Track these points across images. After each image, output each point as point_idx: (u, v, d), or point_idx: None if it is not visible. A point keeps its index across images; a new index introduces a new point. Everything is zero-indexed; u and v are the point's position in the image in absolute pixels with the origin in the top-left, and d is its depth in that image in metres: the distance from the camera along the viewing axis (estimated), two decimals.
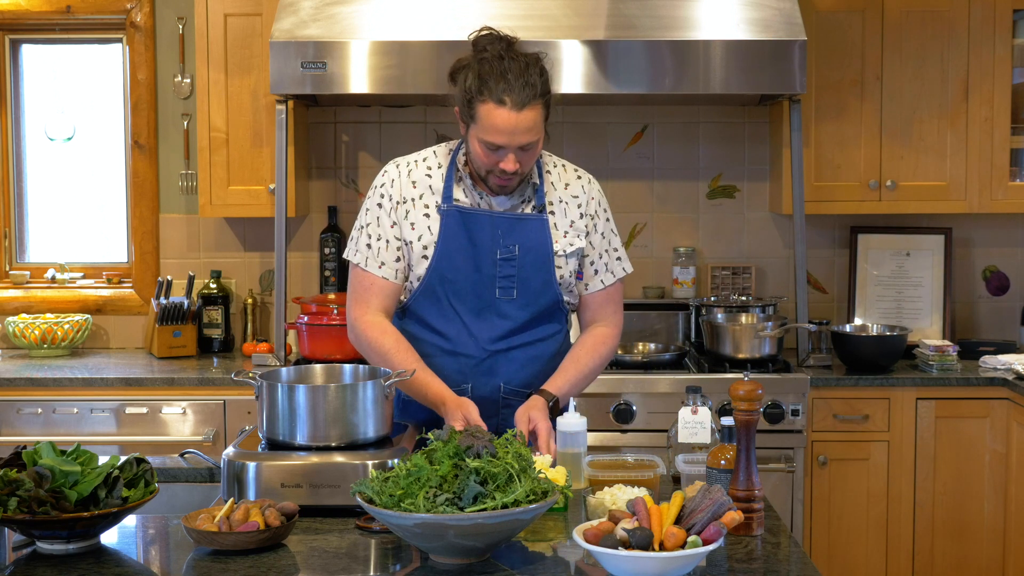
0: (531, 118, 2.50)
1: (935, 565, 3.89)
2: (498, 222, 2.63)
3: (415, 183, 2.67)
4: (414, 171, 2.69)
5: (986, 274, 4.46)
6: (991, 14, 4.05)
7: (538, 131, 2.53)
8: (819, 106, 4.10)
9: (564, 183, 2.71)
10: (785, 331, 3.94)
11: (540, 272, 2.65)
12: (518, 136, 2.50)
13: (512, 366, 2.69)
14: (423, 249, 2.65)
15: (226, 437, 3.84)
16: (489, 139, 2.52)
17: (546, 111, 2.55)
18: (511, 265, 2.64)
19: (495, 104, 2.49)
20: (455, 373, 2.67)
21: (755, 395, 2.16)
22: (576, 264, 2.70)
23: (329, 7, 3.79)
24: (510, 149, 2.52)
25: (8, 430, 3.84)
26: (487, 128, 2.51)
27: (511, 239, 2.63)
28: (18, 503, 1.98)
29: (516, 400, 2.69)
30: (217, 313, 4.34)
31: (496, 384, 2.69)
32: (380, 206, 2.68)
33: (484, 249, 2.63)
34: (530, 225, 2.64)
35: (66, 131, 4.59)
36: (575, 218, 2.69)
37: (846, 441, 3.86)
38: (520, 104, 2.48)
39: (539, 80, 2.52)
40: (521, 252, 2.63)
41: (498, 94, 2.48)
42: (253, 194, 4.11)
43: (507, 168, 2.53)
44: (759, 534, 2.15)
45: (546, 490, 2.01)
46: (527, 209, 2.66)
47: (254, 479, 2.25)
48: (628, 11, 3.78)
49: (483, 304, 2.65)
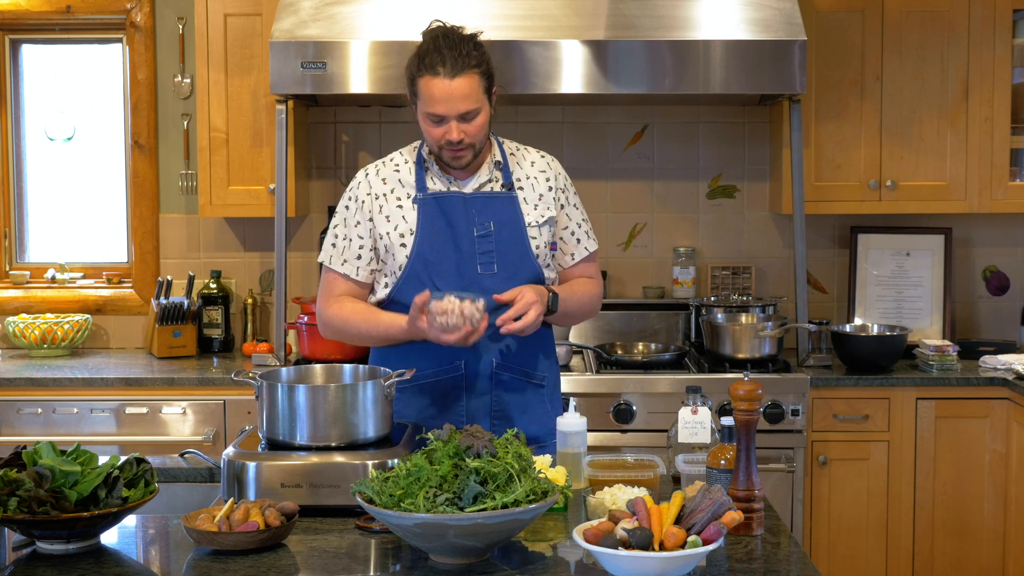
0: (466, 84, 2.63)
1: (935, 565, 3.89)
2: (471, 202, 2.74)
3: (384, 180, 2.80)
4: (382, 170, 2.82)
5: (986, 274, 4.46)
6: (991, 14, 4.05)
7: (476, 100, 2.66)
8: (819, 106, 4.10)
9: (530, 162, 2.85)
10: (785, 331, 3.94)
11: (516, 245, 2.74)
12: (455, 103, 2.64)
13: (502, 342, 2.74)
14: (400, 238, 2.74)
15: (226, 437, 3.84)
16: (430, 110, 2.66)
17: (485, 82, 2.68)
18: (488, 241, 2.73)
19: (431, 76, 2.65)
20: (447, 351, 2.70)
21: (755, 395, 2.16)
22: (549, 235, 2.80)
23: (329, 7, 3.79)
24: (451, 117, 2.65)
25: (8, 430, 3.84)
26: (426, 100, 2.66)
27: (485, 216, 2.74)
28: (18, 503, 1.98)
29: (509, 376, 2.75)
30: (217, 313, 4.34)
31: (488, 360, 2.74)
32: (347, 208, 2.82)
33: (461, 229, 2.72)
34: (501, 201, 2.76)
35: (66, 131, 4.59)
36: (543, 191, 2.81)
37: (846, 441, 3.86)
38: (452, 72, 2.63)
39: (474, 52, 2.67)
40: (496, 227, 2.74)
41: (432, 66, 2.65)
42: (253, 194, 4.12)
43: (451, 138, 2.66)
44: (759, 534, 2.15)
45: (546, 490, 2.02)
46: (496, 187, 2.77)
47: (254, 479, 2.25)
48: (628, 11, 3.78)
49: (466, 282, 2.71)
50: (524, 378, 2.78)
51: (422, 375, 2.73)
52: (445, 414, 2.73)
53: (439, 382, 2.74)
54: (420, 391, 2.74)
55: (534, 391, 2.80)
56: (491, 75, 2.70)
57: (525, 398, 2.78)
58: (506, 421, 2.75)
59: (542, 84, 3.73)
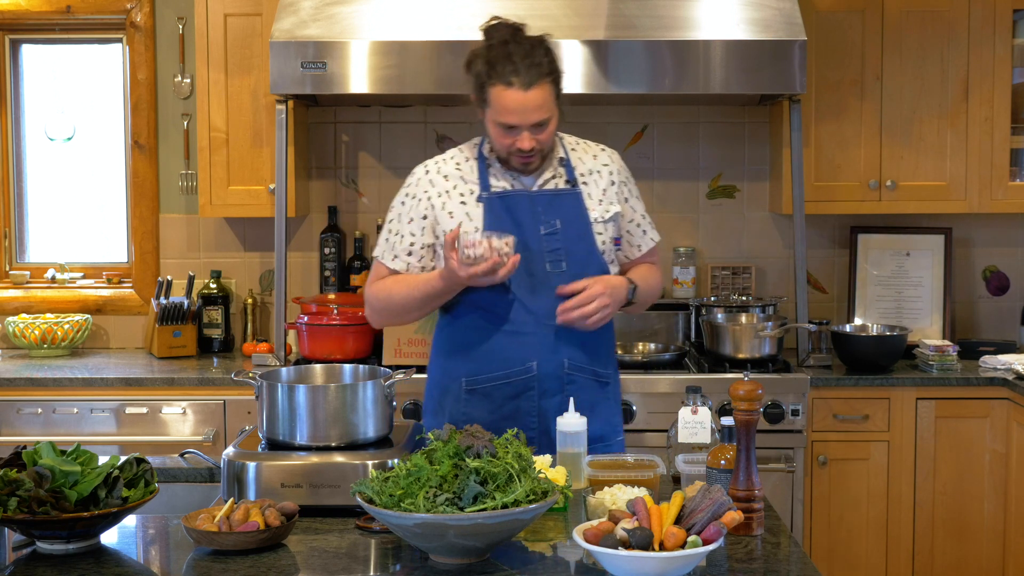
0: (539, 96, 2.63)
1: (935, 565, 3.89)
2: (537, 199, 2.73)
3: (446, 177, 2.78)
4: (443, 167, 2.80)
5: (986, 274, 4.46)
6: (991, 14, 4.05)
7: (548, 109, 2.66)
8: (819, 106, 4.10)
9: (591, 155, 2.84)
10: (785, 331, 3.94)
11: (583, 242, 2.74)
12: (529, 114, 2.63)
13: (572, 341, 2.72)
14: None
15: (226, 437, 3.84)
16: (502, 120, 2.65)
17: (555, 89, 2.68)
18: (556, 239, 2.72)
19: (504, 86, 2.62)
20: (518, 353, 2.71)
21: (755, 395, 2.16)
22: (614, 230, 2.80)
23: (329, 7, 3.79)
24: (523, 128, 2.64)
25: (8, 430, 3.84)
26: (499, 110, 2.64)
27: (551, 214, 2.73)
28: (18, 503, 1.99)
29: (580, 376, 2.74)
30: (217, 313, 4.34)
31: (560, 360, 2.73)
32: (403, 203, 2.81)
33: (528, 227, 2.71)
34: (566, 199, 2.75)
35: (66, 131, 4.59)
36: (606, 186, 2.80)
37: (846, 441, 3.86)
38: (527, 84, 2.61)
39: (545, 60, 2.65)
40: (563, 225, 2.73)
41: (506, 76, 2.62)
42: (253, 194, 4.12)
43: (523, 147, 2.66)
44: (759, 534, 2.15)
45: (546, 490, 2.02)
46: (560, 184, 2.77)
47: (254, 479, 2.25)
48: (628, 11, 3.78)
49: (536, 280, 2.71)
50: (593, 377, 2.78)
51: (494, 376, 2.73)
52: (517, 415, 2.72)
53: (511, 384, 2.73)
54: (492, 392, 2.74)
55: (601, 389, 2.80)
56: (560, 79, 2.69)
57: (594, 397, 2.77)
58: None
59: None
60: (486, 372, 2.75)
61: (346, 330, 3.90)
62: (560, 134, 2.85)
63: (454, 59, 3.70)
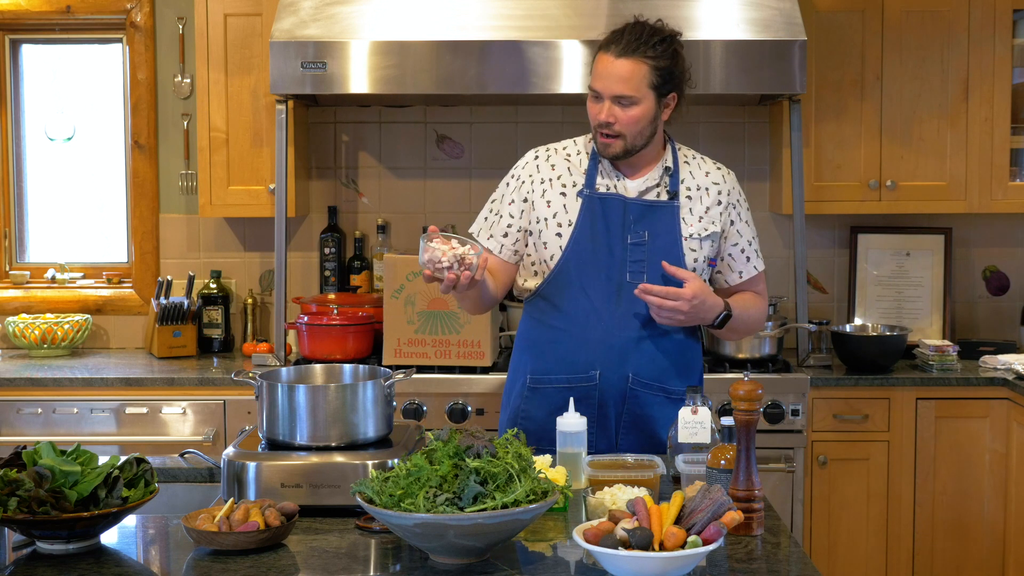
0: (628, 68, 2.60)
1: (935, 565, 3.89)
2: (631, 208, 2.70)
3: (554, 166, 2.76)
4: (553, 156, 2.79)
5: (986, 274, 4.46)
6: (991, 14, 4.05)
7: (635, 87, 2.61)
8: (819, 106, 4.10)
9: (704, 172, 2.79)
10: (785, 331, 3.94)
11: (670, 257, 2.69)
12: (612, 83, 2.60)
13: (642, 357, 2.69)
14: (557, 227, 2.71)
15: (226, 437, 3.84)
16: (591, 83, 2.65)
17: (655, 78, 2.62)
18: (641, 250, 2.68)
19: (603, 52, 2.65)
20: (584, 358, 2.69)
21: (755, 395, 2.16)
22: (711, 250, 2.75)
23: (329, 7, 3.79)
24: (605, 96, 2.61)
25: (8, 430, 3.84)
26: (593, 75, 2.66)
27: (642, 225, 2.69)
28: (18, 503, 1.98)
29: (644, 392, 2.71)
30: (217, 313, 4.34)
31: (625, 374, 2.70)
32: (508, 184, 2.80)
33: (616, 233, 2.69)
34: (661, 212, 2.71)
35: (66, 131, 4.59)
36: (711, 204, 2.76)
37: (846, 441, 3.86)
38: (621, 52, 2.60)
39: (655, 43, 2.62)
40: (651, 237, 2.69)
41: (608, 44, 2.65)
42: (253, 194, 4.12)
43: (601, 118, 2.62)
44: (759, 534, 2.15)
45: (546, 490, 2.01)
46: (662, 194, 2.73)
47: (254, 479, 2.25)
48: (628, 11, 3.76)
49: (614, 287, 2.68)
50: (661, 392, 2.73)
51: (557, 378, 2.71)
52: None
53: (573, 388, 2.70)
54: (554, 394, 2.72)
55: (672, 404, 2.73)
56: (668, 77, 2.64)
57: (661, 411, 2.72)
58: (636, 432, 2.72)
59: (542, 84, 3.73)
60: (550, 373, 2.73)
61: (346, 330, 3.90)
62: (680, 146, 2.82)
63: (454, 59, 3.71)
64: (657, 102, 2.65)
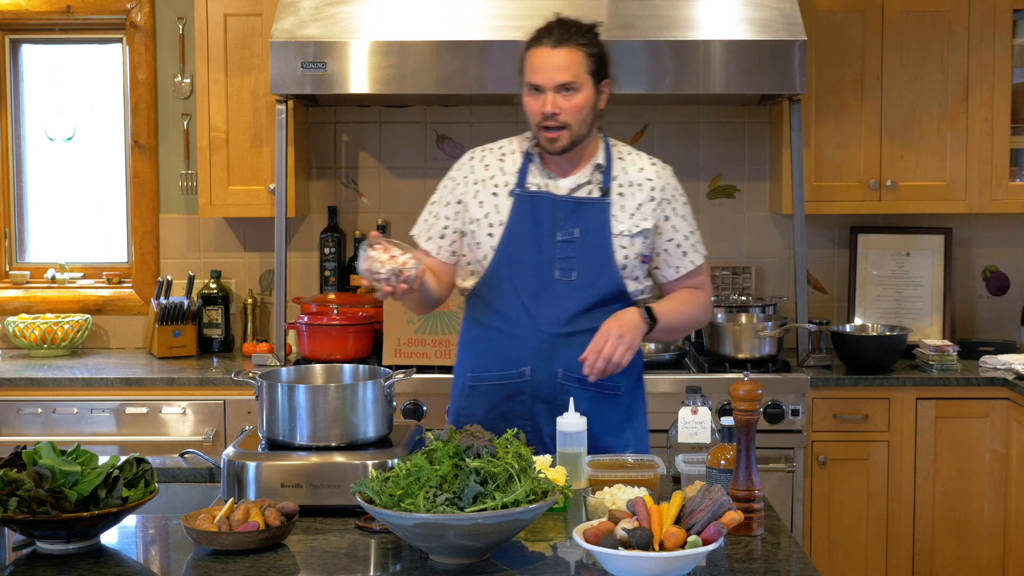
0: (566, 56, 2.63)
1: (935, 565, 3.89)
2: (560, 205, 2.70)
3: (487, 166, 2.78)
4: (487, 156, 2.81)
5: (986, 274, 4.46)
6: (991, 14, 4.05)
7: (575, 74, 2.63)
8: (819, 106, 4.10)
9: (638, 168, 2.79)
10: (785, 331, 3.94)
11: (600, 254, 2.69)
12: (553, 72, 2.62)
13: (572, 352, 2.69)
14: (489, 227, 2.72)
15: (226, 437, 3.84)
16: (529, 79, 2.66)
17: (591, 64, 2.65)
18: (571, 247, 2.69)
19: (536, 47, 2.66)
20: (515, 356, 2.71)
21: (755, 395, 2.16)
22: (643, 246, 2.74)
23: (329, 7, 3.79)
24: (548, 88, 2.62)
25: (8, 430, 3.84)
26: (528, 71, 2.66)
27: (571, 222, 2.70)
28: (18, 503, 1.99)
29: (575, 388, 2.70)
30: (217, 313, 4.34)
31: (554, 369, 2.71)
32: (445, 186, 2.82)
33: (545, 231, 2.69)
34: (591, 208, 2.71)
35: (66, 131, 4.59)
36: (644, 200, 2.74)
37: (846, 441, 3.86)
38: (556, 43, 2.63)
39: (584, 33, 2.65)
40: (581, 234, 2.69)
41: (539, 39, 2.66)
42: (253, 194, 4.12)
43: (546, 110, 2.62)
44: (759, 534, 2.15)
45: (546, 490, 2.02)
46: (594, 191, 2.73)
47: (254, 479, 2.25)
48: (628, 11, 3.78)
49: (543, 285, 2.69)
50: (594, 388, 2.73)
51: (489, 376, 2.73)
52: (509, 416, 2.71)
53: (505, 385, 2.72)
54: (489, 391, 2.74)
55: (607, 400, 2.75)
56: (601, 63, 2.68)
57: (596, 407, 2.71)
58: None
59: None
60: (486, 371, 2.75)
61: (346, 330, 3.90)
62: (614, 141, 2.82)
63: (454, 59, 3.71)
64: (595, 88, 2.68)
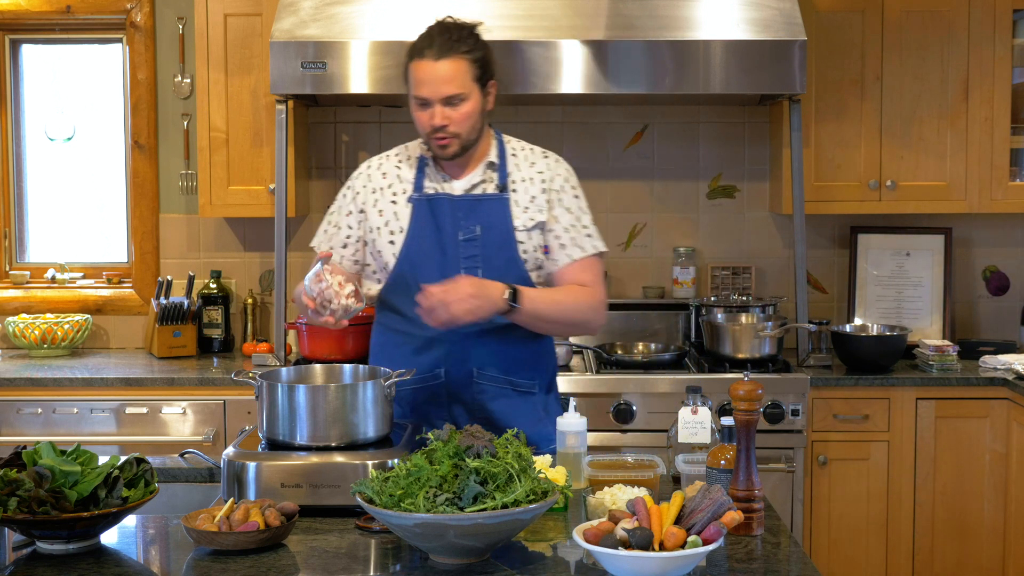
0: (450, 67, 2.60)
1: (935, 565, 3.89)
2: (458, 205, 2.70)
3: (384, 174, 2.78)
4: (384, 164, 2.80)
5: (986, 274, 4.46)
6: (991, 14, 4.05)
7: (461, 84, 2.61)
8: (819, 106, 4.10)
9: (530, 163, 2.77)
10: (785, 331, 3.94)
11: (503, 250, 2.69)
12: (438, 85, 2.60)
13: (485, 351, 2.70)
14: (390, 235, 2.72)
15: (226, 437, 3.84)
16: (415, 93, 2.64)
17: (476, 71, 2.63)
18: (474, 245, 2.68)
19: (418, 59, 2.62)
20: (428, 359, 2.71)
21: (755, 395, 2.16)
22: (540, 239, 2.72)
23: (329, 7, 3.79)
24: (434, 101, 2.61)
25: (8, 430, 3.84)
26: (413, 84, 2.64)
27: (472, 220, 2.69)
28: (18, 503, 1.98)
29: (491, 386, 2.72)
30: (217, 313, 4.34)
31: (469, 369, 2.71)
32: (344, 195, 2.81)
33: (447, 232, 2.69)
34: (490, 205, 2.70)
35: (66, 131, 4.59)
36: (536, 193, 2.73)
37: (846, 441, 3.86)
38: (438, 55, 2.60)
39: (467, 39, 2.63)
40: (483, 232, 2.69)
41: (420, 51, 2.63)
42: (253, 194, 4.12)
43: (435, 123, 2.62)
44: (759, 534, 2.15)
45: (546, 490, 2.02)
46: (489, 189, 2.72)
47: (254, 479, 2.25)
48: (628, 11, 3.78)
49: None
50: (508, 386, 2.74)
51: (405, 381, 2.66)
52: (431, 419, 2.71)
53: (419, 390, 2.72)
54: (406, 396, 2.73)
55: (522, 399, 2.76)
56: (486, 66, 2.66)
57: (512, 405, 2.74)
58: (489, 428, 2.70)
59: (542, 84, 3.73)
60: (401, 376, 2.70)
61: (346, 330, 3.89)
62: (507, 138, 2.80)
63: None
64: (482, 93, 2.66)
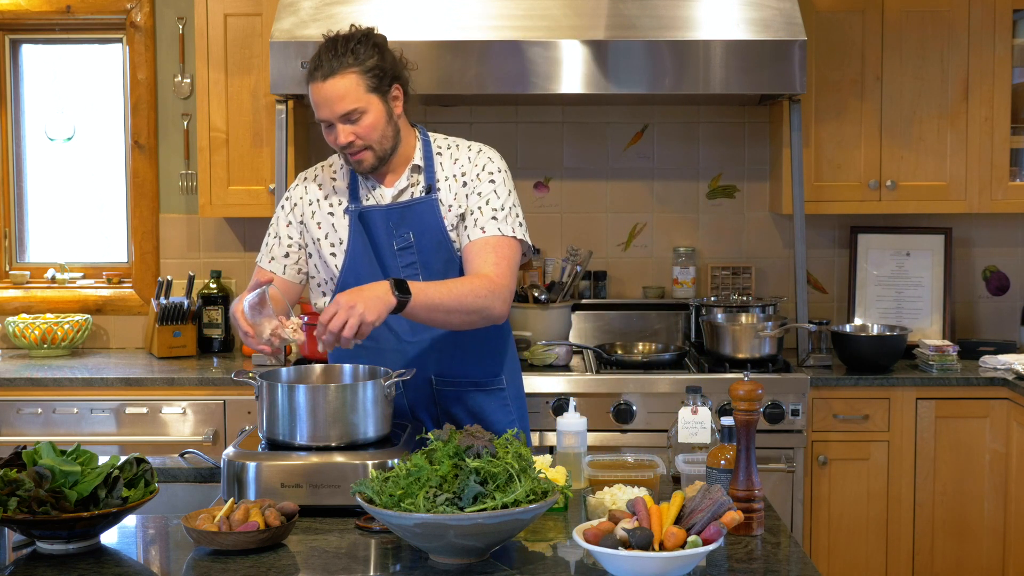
0: (340, 86, 2.55)
1: (935, 565, 3.89)
2: (390, 214, 2.66)
3: (320, 186, 2.75)
4: (319, 175, 2.77)
5: (986, 274, 4.46)
6: (991, 14, 4.05)
7: (355, 99, 2.56)
8: (819, 106, 4.10)
9: (453, 159, 2.71)
10: (785, 331, 3.94)
11: (439, 252, 2.65)
12: (332, 105, 2.57)
13: (440, 357, 2.69)
14: (331, 247, 2.70)
15: (226, 437, 3.84)
16: (316, 117, 2.62)
17: (369, 81, 2.57)
18: (410, 252, 2.66)
19: (311, 83, 2.59)
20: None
21: (755, 395, 2.16)
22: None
23: (329, 7, 3.78)
24: (334, 121, 2.58)
25: (8, 430, 3.84)
26: (313, 108, 2.61)
27: (404, 228, 2.65)
28: (18, 503, 1.99)
29: (451, 391, 2.71)
30: (217, 313, 4.34)
31: (427, 377, 2.70)
32: (282, 207, 2.78)
33: (382, 242, 2.66)
34: (419, 209, 2.66)
35: (66, 131, 4.59)
36: (458, 189, 2.68)
37: (846, 441, 3.86)
38: (325, 75, 2.56)
39: (353, 51, 2.57)
40: (416, 237, 2.65)
41: (311, 73, 2.59)
42: (253, 194, 4.12)
43: (339, 142, 2.59)
44: (759, 534, 2.15)
45: (546, 490, 2.02)
46: (416, 192, 2.68)
47: (254, 479, 2.25)
48: (628, 11, 3.78)
49: None
50: (473, 387, 2.73)
51: None
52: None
53: None
54: None
55: (488, 397, 2.75)
56: (381, 73, 2.59)
57: (479, 405, 2.73)
58: None
59: (542, 84, 3.73)
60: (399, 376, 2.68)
61: None
62: (434, 136, 2.76)
63: (454, 59, 3.70)
64: (384, 101, 2.61)
